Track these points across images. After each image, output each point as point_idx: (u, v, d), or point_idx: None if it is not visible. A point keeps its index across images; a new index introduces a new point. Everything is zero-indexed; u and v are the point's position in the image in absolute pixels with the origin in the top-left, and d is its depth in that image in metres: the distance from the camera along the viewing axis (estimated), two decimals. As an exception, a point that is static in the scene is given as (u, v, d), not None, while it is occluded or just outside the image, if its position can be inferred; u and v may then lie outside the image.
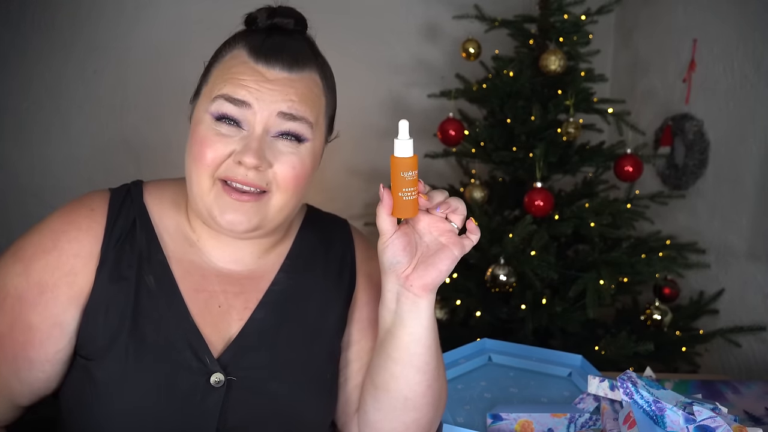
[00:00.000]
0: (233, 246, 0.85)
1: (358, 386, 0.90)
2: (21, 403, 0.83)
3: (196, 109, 0.82)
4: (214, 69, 0.82)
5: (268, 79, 0.78)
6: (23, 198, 2.10)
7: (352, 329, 0.91)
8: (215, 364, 0.80)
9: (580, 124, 1.78)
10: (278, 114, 0.78)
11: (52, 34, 2.12)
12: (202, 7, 2.18)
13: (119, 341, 0.78)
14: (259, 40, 0.80)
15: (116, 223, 0.82)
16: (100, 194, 0.85)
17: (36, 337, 0.78)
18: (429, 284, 0.75)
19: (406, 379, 0.80)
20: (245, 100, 0.77)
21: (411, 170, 0.72)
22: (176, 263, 0.83)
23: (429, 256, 0.75)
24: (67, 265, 0.78)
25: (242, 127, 0.78)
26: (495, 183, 2.09)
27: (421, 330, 0.78)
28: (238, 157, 0.76)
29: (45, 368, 0.79)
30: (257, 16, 0.82)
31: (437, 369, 0.82)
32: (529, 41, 1.94)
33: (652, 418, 0.86)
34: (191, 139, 0.80)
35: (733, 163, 1.90)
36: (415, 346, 0.78)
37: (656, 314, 1.70)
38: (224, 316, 0.83)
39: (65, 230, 0.80)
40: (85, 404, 0.78)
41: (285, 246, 0.90)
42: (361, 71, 2.40)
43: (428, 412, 0.84)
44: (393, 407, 0.82)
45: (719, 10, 1.97)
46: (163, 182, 0.90)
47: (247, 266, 0.87)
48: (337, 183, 2.38)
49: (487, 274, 1.67)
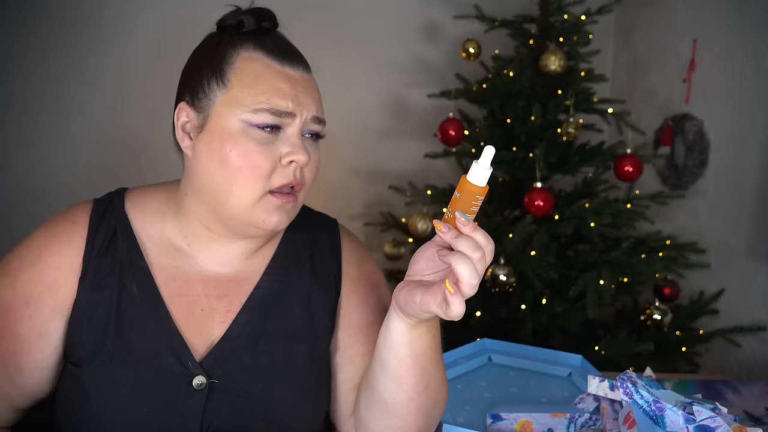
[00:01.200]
0: (227, 247, 0.86)
1: (353, 389, 0.90)
2: (19, 406, 0.86)
3: (218, 117, 0.79)
4: (228, 73, 0.80)
5: (297, 80, 0.81)
6: (23, 199, 2.10)
7: (340, 334, 0.91)
8: (197, 367, 0.81)
9: (580, 124, 1.78)
10: (312, 118, 0.82)
11: (52, 35, 2.12)
12: (202, 7, 2.18)
13: (104, 348, 0.80)
14: (268, 42, 0.82)
15: (97, 234, 0.84)
16: (83, 206, 0.86)
17: (24, 346, 0.81)
18: (400, 303, 0.72)
19: (384, 383, 0.80)
20: (290, 111, 0.80)
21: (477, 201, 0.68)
22: (159, 269, 0.85)
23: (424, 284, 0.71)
24: (49, 278, 0.81)
25: (280, 129, 0.80)
26: (495, 183, 2.09)
27: (393, 338, 0.76)
28: (290, 157, 0.79)
29: (34, 375, 0.83)
30: (243, 20, 0.82)
31: (421, 385, 0.79)
32: (529, 41, 1.94)
33: (652, 418, 0.86)
34: (227, 151, 0.78)
35: (733, 163, 1.90)
36: (386, 353, 0.77)
37: (656, 314, 1.70)
38: (206, 319, 0.84)
39: (48, 244, 0.83)
40: (75, 408, 0.81)
41: (271, 247, 0.91)
42: (361, 71, 2.40)
43: (414, 422, 0.82)
44: (378, 409, 0.83)
45: (719, 10, 1.97)
46: (146, 189, 0.90)
47: (233, 268, 0.88)
48: (337, 183, 2.38)
49: (487, 274, 1.67)
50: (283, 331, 0.87)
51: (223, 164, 0.78)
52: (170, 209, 0.87)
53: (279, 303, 0.88)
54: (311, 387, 0.87)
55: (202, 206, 0.83)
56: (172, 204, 0.87)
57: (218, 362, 0.83)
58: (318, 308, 0.90)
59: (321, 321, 0.90)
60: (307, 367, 0.87)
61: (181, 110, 0.83)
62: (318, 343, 0.89)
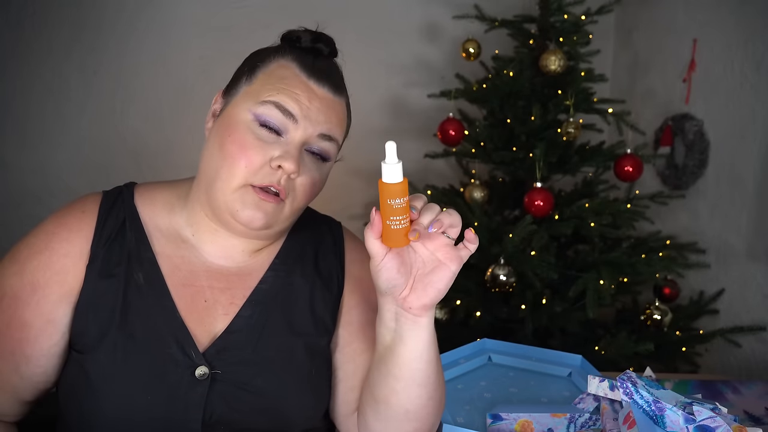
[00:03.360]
0: (229, 241, 0.88)
1: (354, 388, 0.91)
2: (25, 398, 0.87)
3: (234, 106, 0.84)
4: (259, 72, 0.85)
5: (317, 96, 0.83)
6: (23, 199, 2.10)
7: (341, 331, 0.92)
8: (200, 357, 0.83)
9: (580, 124, 1.78)
10: (319, 135, 0.83)
11: (52, 35, 2.12)
12: (202, 7, 2.18)
13: (109, 335, 0.81)
14: (309, 59, 0.85)
15: (106, 224, 0.86)
16: (93, 197, 0.89)
17: (31, 333, 0.82)
18: (428, 304, 0.73)
19: (407, 394, 0.80)
20: (294, 114, 0.81)
21: (400, 197, 0.65)
22: (165, 260, 0.86)
23: (426, 274, 0.72)
24: (57, 265, 0.83)
25: (281, 135, 0.82)
26: (495, 183, 2.09)
27: (423, 346, 0.77)
28: (278, 161, 0.80)
29: (41, 363, 0.83)
30: (301, 36, 0.87)
31: (438, 380, 0.82)
32: (529, 41, 1.95)
33: (652, 418, 0.87)
34: (226, 136, 0.82)
35: (733, 163, 1.90)
36: (417, 363, 0.78)
37: (656, 314, 1.70)
38: (209, 311, 0.86)
39: (57, 232, 0.84)
40: (79, 396, 0.82)
41: (276, 245, 0.93)
42: (361, 71, 2.40)
43: (429, 420, 0.84)
44: (394, 419, 0.83)
45: (719, 10, 1.97)
46: (155, 185, 0.93)
47: (236, 263, 0.89)
48: (337, 183, 2.37)
49: (487, 274, 1.67)
50: (285, 326, 0.88)
51: (220, 148, 0.82)
52: (180, 201, 0.89)
53: (282, 299, 0.90)
54: (311, 382, 0.88)
55: (202, 189, 0.85)
56: (182, 197, 0.90)
57: (221, 354, 0.84)
58: (320, 305, 0.91)
59: (322, 318, 0.91)
60: (308, 362, 0.88)
61: (217, 98, 0.88)
62: (319, 340, 0.90)
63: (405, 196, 0.66)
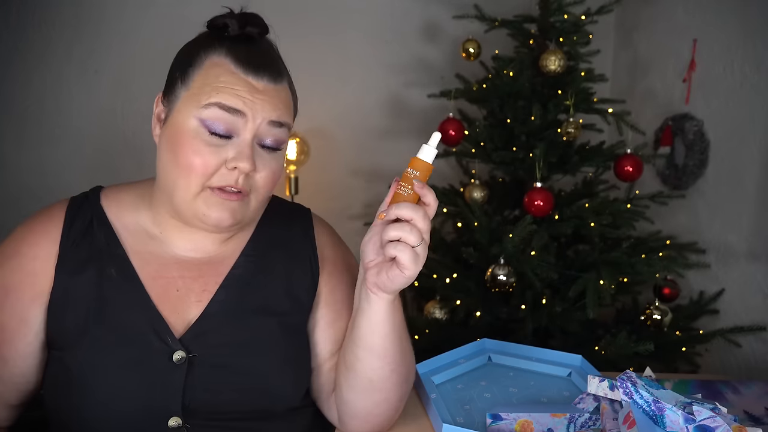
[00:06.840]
0: (197, 235, 0.90)
1: (334, 368, 0.95)
2: (10, 402, 0.89)
3: (178, 113, 0.84)
4: (194, 73, 0.84)
5: (258, 89, 0.83)
6: (23, 198, 2.10)
7: (318, 313, 0.96)
8: (177, 343, 0.85)
9: (580, 124, 1.78)
10: (269, 122, 0.84)
11: (52, 34, 2.12)
12: (202, 7, 2.17)
13: (87, 330, 0.84)
14: (242, 50, 0.84)
15: (73, 225, 0.89)
16: (60, 203, 0.92)
17: (6, 335, 0.85)
18: (382, 288, 0.81)
19: (369, 363, 0.87)
20: (240, 109, 0.82)
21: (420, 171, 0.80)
22: (135, 255, 0.89)
23: (390, 268, 0.79)
24: (27, 267, 0.86)
25: (232, 136, 0.83)
26: (495, 183, 2.09)
27: (377, 320, 0.84)
28: (233, 163, 0.82)
29: (18, 363, 0.86)
30: (228, 23, 0.85)
31: (399, 355, 0.88)
32: (529, 41, 1.94)
33: (652, 418, 0.87)
34: (176, 146, 0.83)
35: (733, 163, 1.90)
36: (371, 336, 0.85)
37: (656, 314, 1.70)
38: (182, 299, 0.88)
39: (25, 237, 0.88)
40: (64, 393, 0.84)
41: (247, 232, 0.95)
42: (361, 71, 2.40)
43: (396, 392, 0.91)
44: (362, 387, 0.89)
45: (719, 10, 1.97)
46: (120, 186, 0.96)
47: (207, 253, 0.92)
48: (337, 183, 2.38)
49: (487, 274, 1.67)
50: (260, 307, 0.91)
51: (174, 159, 0.83)
52: (144, 201, 0.92)
53: (256, 281, 0.92)
54: (290, 360, 0.91)
55: (164, 196, 0.87)
56: (146, 197, 0.92)
57: (198, 338, 0.86)
58: (295, 285, 0.94)
59: (298, 297, 0.94)
60: (285, 340, 0.91)
61: (158, 100, 0.89)
62: (296, 318, 0.93)
63: (423, 173, 0.79)
